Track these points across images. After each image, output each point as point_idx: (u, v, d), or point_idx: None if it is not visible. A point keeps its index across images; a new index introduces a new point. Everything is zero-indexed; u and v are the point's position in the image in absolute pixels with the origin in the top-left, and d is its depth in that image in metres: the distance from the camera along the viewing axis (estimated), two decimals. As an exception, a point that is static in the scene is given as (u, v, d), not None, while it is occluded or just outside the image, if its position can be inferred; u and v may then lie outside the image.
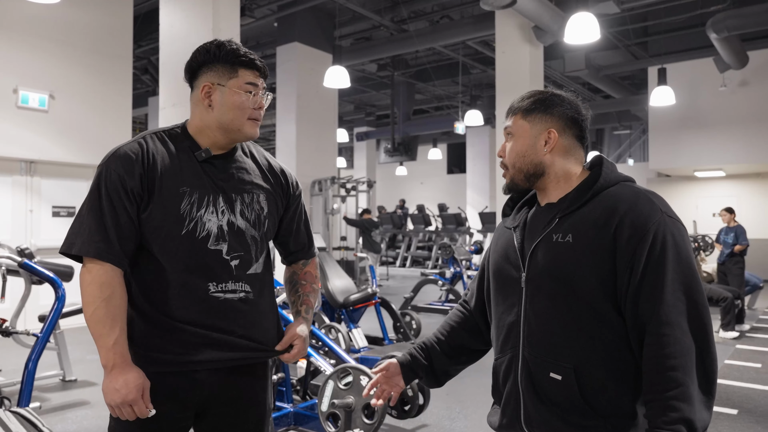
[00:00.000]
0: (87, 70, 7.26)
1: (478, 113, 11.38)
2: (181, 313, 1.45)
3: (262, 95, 1.53)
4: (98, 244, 1.39)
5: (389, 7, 9.54)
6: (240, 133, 1.51)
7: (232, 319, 1.49)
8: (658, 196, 1.29)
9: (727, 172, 12.38)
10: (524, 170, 1.37)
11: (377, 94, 15.05)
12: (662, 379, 1.14)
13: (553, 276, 1.27)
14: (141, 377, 1.41)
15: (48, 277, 3.10)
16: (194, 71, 1.55)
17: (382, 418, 3.13)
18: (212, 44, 1.52)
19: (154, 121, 12.43)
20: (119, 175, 1.42)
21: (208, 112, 1.51)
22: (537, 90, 1.43)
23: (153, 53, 10.48)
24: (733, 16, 8.31)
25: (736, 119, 11.32)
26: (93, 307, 1.39)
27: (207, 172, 1.51)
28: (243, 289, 1.51)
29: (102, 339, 1.40)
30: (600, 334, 1.23)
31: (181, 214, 1.44)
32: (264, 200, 1.58)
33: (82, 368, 5.05)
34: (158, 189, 1.44)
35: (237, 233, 1.51)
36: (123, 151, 1.46)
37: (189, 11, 5.18)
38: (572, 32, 6.27)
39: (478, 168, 16.89)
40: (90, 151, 7.27)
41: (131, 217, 1.42)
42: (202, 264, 1.46)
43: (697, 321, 1.17)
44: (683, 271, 1.19)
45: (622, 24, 10.04)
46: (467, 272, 8.32)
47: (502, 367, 1.38)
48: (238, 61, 1.50)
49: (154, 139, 1.51)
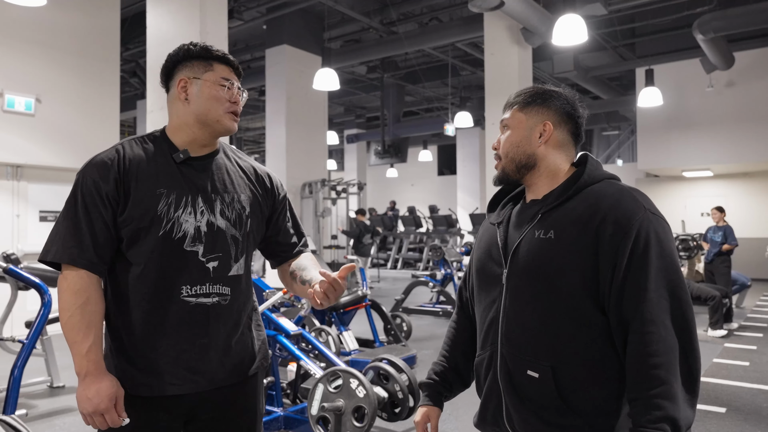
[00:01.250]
0: (74, 74, 7.21)
1: (467, 115, 11.41)
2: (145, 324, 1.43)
3: (237, 92, 1.54)
4: (72, 250, 1.39)
5: (378, 9, 9.55)
6: (219, 124, 1.51)
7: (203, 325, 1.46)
8: (641, 193, 1.29)
9: (715, 172, 12.49)
10: (516, 160, 1.37)
11: (367, 96, 15.05)
12: (646, 378, 1.13)
13: (534, 273, 1.26)
14: (114, 386, 1.39)
15: (33, 282, 3.07)
16: (169, 71, 1.56)
17: (372, 421, 3.12)
18: (185, 44, 1.55)
19: (143, 124, 12.36)
20: (94, 181, 1.42)
21: (185, 107, 1.51)
22: (536, 86, 1.43)
23: (141, 56, 10.42)
24: (719, 18, 8.39)
25: (723, 119, 11.42)
26: (68, 314, 1.39)
27: (185, 174, 1.50)
28: (219, 292, 1.48)
29: (76, 346, 1.38)
30: (580, 332, 1.22)
31: (159, 215, 1.43)
32: (246, 200, 1.57)
33: (70, 374, 5.00)
34: (134, 191, 1.43)
35: (216, 233, 1.49)
36: (99, 158, 1.46)
37: (176, 14, 5.16)
38: (560, 34, 6.30)
39: (469, 169, 16.93)
40: (77, 155, 7.21)
41: (107, 223, 1.41)
42: (177, 266, 1.44)
43: (680, 319, 1.17)
44: (667, 268, 1.18)
45: (610, 25, 10.11)
46: (458, 274, 8.33)
47: (483, 364, 1.38)
48: (213, 56, 1.52)
49: (132, 145, 1.51)
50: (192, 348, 1.45)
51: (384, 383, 3.39)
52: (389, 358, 3.49)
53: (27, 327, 3.77)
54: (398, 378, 3.36)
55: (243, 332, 1.56)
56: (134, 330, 1.44)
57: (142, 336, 1.44)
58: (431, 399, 1.53)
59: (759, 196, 12.56)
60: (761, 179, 12.60)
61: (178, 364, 1.44)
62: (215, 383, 1.49)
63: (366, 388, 3.15)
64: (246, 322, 1.58)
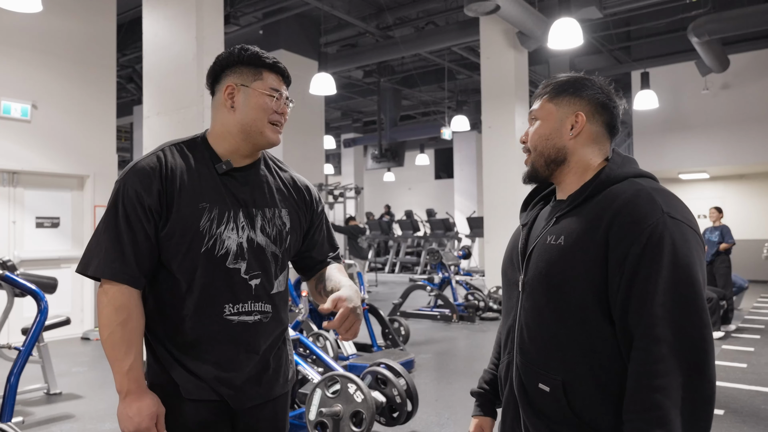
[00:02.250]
0: (70, 80, 7.21)
1: (464, 119, 11.42)
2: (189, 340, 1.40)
3: (285, 102, 1.49)
4: (114, 265, 1.35)
5: (374, 13, 9.56)
6: (261, 136, 1.45)
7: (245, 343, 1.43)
8: (667, 193, 1.15)
9: (711, 174, 12.52)
10: (545, 154, 1.26)
11: (364, 101, 15.06)
12: (641, 399, 1.04)
13: (544, 281, 1.19)
14: (155, 404, 1.37)
15: (30, 289, 3.06)
16: (217, 75, 1.49)
17: (370, 426, 3.11)
18: (236, 47, 1.48)
19: (139, 130, 12.35)
20: (136, 192, 1.37)
21: (230, 114, 1.46)
22: (568, 74, 1.32)
23: (137, 62, 10.41)
24: (713, 21, 8.43)
25: (718, 122, 11.46)
26: (108, 331, 1.35)
27: (227, 186, 1.45)
28: (261, 309, 1.45)
29: (117, 364, 1.35)
30: (591, 345, 1.13)
31: (201, 230, 1.38)
32: (287, 215, 1.52)
33: (67, 381, 4.98)
34: (177, 205, 1.38)
35: (256, 250, 1.45)
36: (141, 165, 1.40)
37: (172, 20, 5.16)
38: (556, 37, 6.32)
39: (466, 173, 16.95)
40: (74, 161, 7.21)
41: (149, 236, 1.37)
42: (220, 284, 1.40)
43: (689, 338, 1.04)
44: (680, 280, 1.05)
45: (605, 29, 10.14)
46: (456, 277, 8.33)
47: (502, 372, 1.33)
48: (263, 64, 1.46)
49: (173, 152, 1.45)
50: (231, 366, 1.42)
51: (382, 388, 3.39)
52: (387, 362, 3.49)
53: (23, 334, 3.76)
54: (396, 383, 3.35)
55: (279, 348, 1.55)
56: (177, 342, 1.41)
57: (186, 349, 1.41)
58: (482, 409, 1.45)
59: (755, 197, 12.59)
60: (757, 181, 12.63)
61: (219, 379, 1.42)
62: (254, 400, 1.47)
63: (364, 392, 3.14)
64: (282, 338, 1.56)
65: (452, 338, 6.86)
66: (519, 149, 8.51)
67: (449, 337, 6.93)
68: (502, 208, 8.40)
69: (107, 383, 4.98)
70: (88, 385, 4.92)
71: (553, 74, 8.55)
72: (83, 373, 5.38)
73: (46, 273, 5.40)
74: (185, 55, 5.06)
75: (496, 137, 8.55)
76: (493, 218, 8.55)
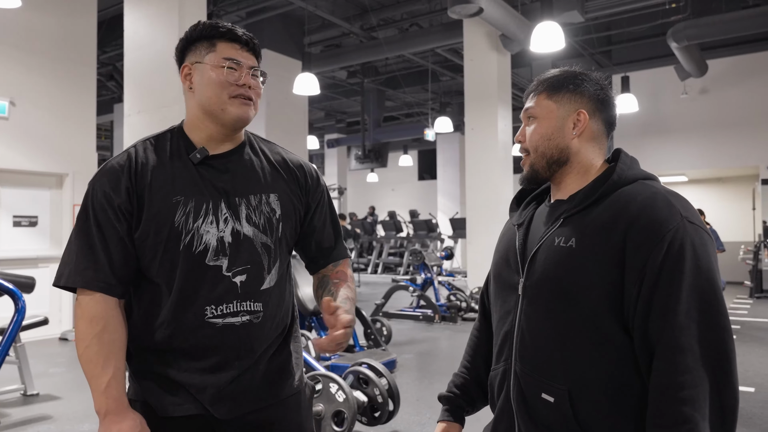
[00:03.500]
0: (49, 77, 7.11)
1: (447, 120, 11.47)
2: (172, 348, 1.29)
3: (248, 72, 1.32)
4: (86, 272, 1.25)
5: (358, 14, 9.57)
6: (225, 114, 1.30)
7: (231, 348, 1.30)
8: (681, 198, 1.11)
9: (690, 177, 12.73)
10: (548, 155, 1.19)
11: (347, 101, 15.06)
12: (668, 413, 0.98)
13: (551, 285, 1.11)
14: (138, 425, 1.25)
15: (7, 288, 3.02)
16: (179, 59, 1.38)
17: (351, 425, 3.12)
18: (193, 25, 1.36)
19: (120, 128, 12.21)
20: (105, 193, 1.27)
21: (191, 97, 1.34)
22: (563, 68, 1.25)
23: (118, 59, 10.30)
24: (692, 26, 8.58)
25: (696, 126, 11.66)
26: (84, 344, 1.24)
27: (204, 176, 1.32)
28: (249, 309, 1.31)
29: (94, 381, 1.24)
30: (601, 354, 1.07)
31: (176, 226, 1.27)
32: (276, 200, 1.37)
33: (44, 382, 4.91)
34: (148, 202, 1.27)
35: (243, 243, 1.31)
36: (109, 165, 1.31)
37: (154, 18, 5.12)
38: (538, 41, 6.38)
39: (449, 174, 17.02)
40: (53, 159, 7.11)
41: (122, 238, 1.26)
42: (200, 284, 1.28)
43: (714, 347, 1.00)
44: (702, 287, 1.01)
45: (587, 33, 10.26)
46: (438, 278, 8.36)
47: (496, 380, 1.24)
48: (216, 33, 1.32)
49: (146, 146, 1.34)
50: (220, 373, 1.30)
51: (364, 388, 3.39)
52: (369, 362, 3.49)
53: (0, 334, 3.70)
54: (378, 382, 3.36)
55: (279, 349, 1.41)
56: (160, 352, 1.31)
57: (169, 359, 1.30)
58: (451, 414, 1.38)
59: (732, 200, 12.82)
60: (734, 184, 12.86)
61: (207, 389, 1.30)
62: (251, 406, 1.34)
63: (346, 392, 3.14)
64: (284, 337, 1.43)
65: (434, 338, 6.88)
66: (501, 151, 8.58)
67: (431, 337, 6.95)
68: (485, 209, 8.46)
69: (85, 384, 4.88)
70: (66, 386, 4.86)
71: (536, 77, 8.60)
72: (61, 374, 5.30)
73: (24, 272, 5.33)
74: (167, 53, 5.01)
75: (479, 139, 8.60)
76: (475, 219, 8.60)
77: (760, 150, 11.32)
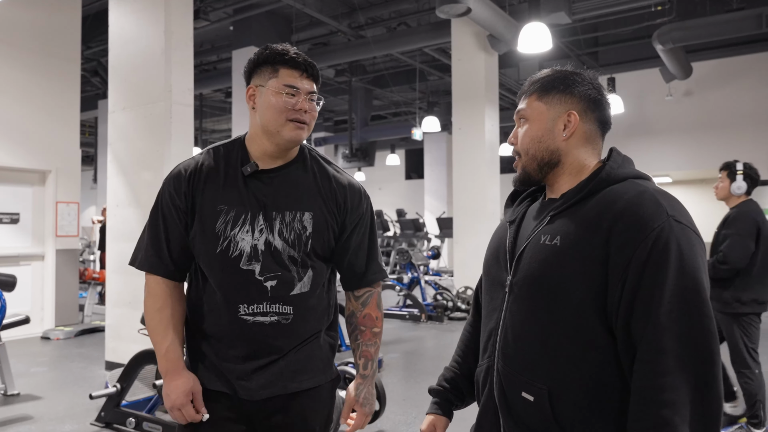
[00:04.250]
0: (32, 72, 7.00)
1: (435, 119, 11.48)
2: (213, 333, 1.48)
3: (305, 98, 1.46)
4: (151, 259, 1.50)
5: (346, 13, 9.54)
6: (279, 136, 1.45)
7: (261, 343, 1.47)
8: (670, 196, 1.09)
9: (674, 179, 12.85)
10: (538, 158, 1.19)
11: (335, 100, 15.01)
12: (648, 415, 0.97)
13: (536, 284, 1.11)
14: (190, 383, 1.47)
15: (-13, 287, 2.96)
16: (247, 79, 1.53)
17: (337, 425, 3.11)
18: (261, 48, 1.51)
19: (104, 125, 12.07)
20: (170, 194, 1.50)
21: (253, 116, 1.50)
22: (555, 68, 1.24)
23: (103, 55, 10.18)
24: (677, 29, 8.65)
25: (681, 127, 11.78)
26: (149, 317, 1.51)
27: (250, 188, 1.48)
28: (279, 311, 1.46)
29: (157, 347, 1.49)
30: (583, 354, 1.06)
31: (216, 232, 1.45)
32: (309, 219, 1.49)
33: (25, 382, 4.84)
34: (199, 207, 1.48)
35: (273, 253, 1.46)
36: (177, 169, 1.52)
37: (140, 13, 5.06)
38: (525, 41, 6.40)
39: (436, 174, 17.04)
40: (36, 155, 7.01)
41: (181, 233, 1.49)
42: (235, 284, 1.45)
43: (696, 349, 0.98)
44: (686, 287, 0.99)
45: (574, 34, 10.32)
46: (425, 277, 8.36)
47: (481, 376, 1.24)
48: (280, 60, 1.46)
49: (210, 154, 1.53)
50: (250, 363, 1.47)
51: (350, 387, 3.38)
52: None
53: (-21, 333, 3.64)
54: (364, 382, 3.35)
55: (310, 348, 1.53)
56: (202, 335, 1.51)
57: (211, 341, 1.49)
58: (440, 407, 1.39)
59: (715, 201, 12.92)
60: (717, 186, 13.00)
61: (239, 375, 1.47)
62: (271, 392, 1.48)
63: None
64: (315, 337, 1.54)
65: (420, 338, 6.89)
66: (488, 151, 8.60)
67: (417, 336, 6.96)
68: (472, 209, 8.47)
69: (67, 384, 4.85)
70: (48, 386, 4.79)
71: (523, 78, 8.60)
72: (42, 373, 5.23)
73: (5, 270, 5.24)
74: (153, 49, 4.96)
75: (467, 139, 8.61)
76: (462, 219, 8.61)
77: (743, 152, 11.44)
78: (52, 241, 7.18)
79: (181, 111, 4.97)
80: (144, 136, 5.03)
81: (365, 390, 1.58)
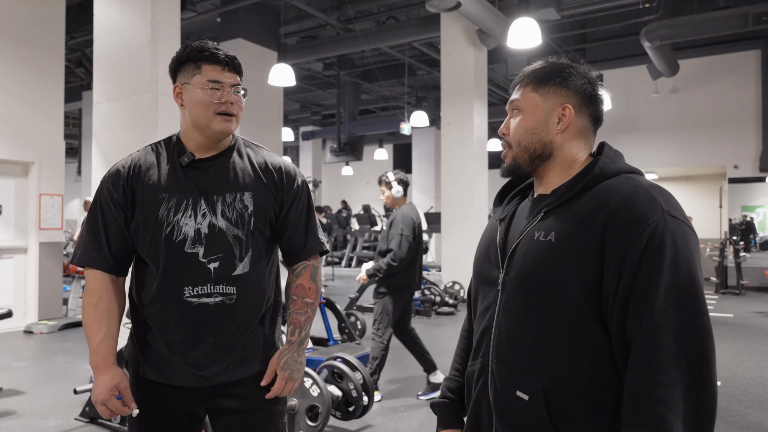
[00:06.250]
0: (15, 62, 6.88)
1: (423, 114, 11.48)
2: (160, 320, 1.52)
3: (229, 91, 1.53)
4: (91, 254, 1.54)
5: (335, 6, 9.48)
6: (210, 129, 1.53)
7: (206, 324, 1.51)
8: (664, 191, 1.07)
9: (660, 175, 12.96)
10: (530, 150, 1.17)
11: (323, 93, 14.96)
12: (642, 412, 0.96)
13: (529, 280, 1.09)
14: (115, 379, 1.49)
15: (-32, 280, 2.91)
16: (173, 78, 1.59)
17: (325, 420, 3.10)
18: (181, 47, 1.56)
19: (89, 116, 11.92)
20: (108, 190, 1.55)
21: (183, 113, 1.57)
22: (550, 60, 1.23)
23: (87, 45, 10.03)
24: (664, 26, 8.71)
25: (667, 124, 11.88)
26: (84, 312, 1.54)
27: (189, 177, 1.55)
28: (223, 291, 1.51)
29: (89, 341, 1.52)
30: (579, 352, 1.04)
31: (160, 219, 1.51)
32: (249, 198, 1.56)
33: (8, 376, 4.78)
34: (140, 198, 1.53)
35: (218, 234, 1.52)
36: (115, 167, 1.58)
37: (126, 3, 4.98)
38: (515, 37, 6.41)
39: (424, 168, 17.06)
40: (18, 147, 6.90)
41: (120, 227, 1.54)
42: (179, 268, 1.50)
43: (691, 346, 0.97)
44: (681, 284, 0.98)
45: (562, 30, 10.35)
46: (412, 272, 8.36)
47: (473, 377, 1.23)
48: (201, 57, 1.52)
49: (147, 151, 1.60)
50: (197, 346, 1.51)
51: (338, 382, 3.37)
52: (343, 356, 3.47)
53: (-40, 327, 3.58)
54: (352, 376, 3.34)
55: (255, 330, 1.59)
56: (147, 324, 1.54)
57: (154, 331, 1.53)
58: (449, 421, 1.33)
59: (700, 198, 13.11)
60: (702, 182, 13.16)
61: (185, 360, 1.51)
62: (223, 379, 1.54)
63: (320, 386, 3.12)
64: (260, 319, 1.60)
65: (408, 332, 6.88)
66: (477, 146, 8.62)
67: (405, 331, 6.95)
68: (460, 204, 8.48)
69: (51, 378, 4.79)
70: (31, 381, 4.73)
71: (512, 74, 8.61)
72: (25, 368, 5.16)
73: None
74: (139, 40, 4.89)
75: (455, 133, 8.62)
76: (450, 214, 8.62)
77: (728, 149, 11.59)
78: (35, 234, 7.08)
79: (168, 102, 4.91)
80: (129, 128, 4.96)
81: (288, 356, 1.60)
